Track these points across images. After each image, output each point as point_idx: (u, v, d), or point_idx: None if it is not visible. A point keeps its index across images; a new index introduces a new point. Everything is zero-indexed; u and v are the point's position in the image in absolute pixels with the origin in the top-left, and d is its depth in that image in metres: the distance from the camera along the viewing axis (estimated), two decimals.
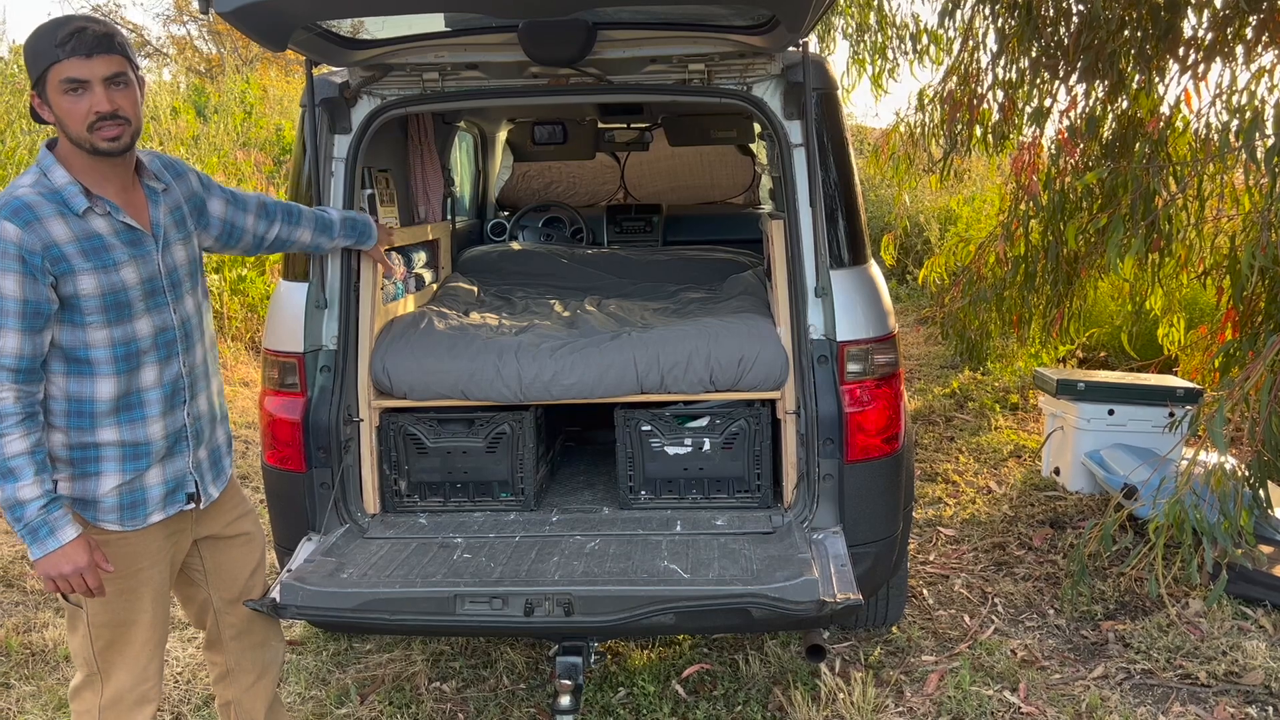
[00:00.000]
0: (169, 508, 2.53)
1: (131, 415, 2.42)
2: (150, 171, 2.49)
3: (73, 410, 2.36)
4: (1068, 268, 6.04)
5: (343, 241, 3.23)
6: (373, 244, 3.35)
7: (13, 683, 3.79)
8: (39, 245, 2.22)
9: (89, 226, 2.31)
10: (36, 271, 2.22)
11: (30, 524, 2.26)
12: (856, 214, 3.46)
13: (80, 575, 2.31)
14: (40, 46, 2.25)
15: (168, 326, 2.46)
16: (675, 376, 3.46)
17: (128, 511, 2.45)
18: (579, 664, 2.90)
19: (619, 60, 3.42)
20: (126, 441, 2.42)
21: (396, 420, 3.57)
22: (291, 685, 3.70)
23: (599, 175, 6.68)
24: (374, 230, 3.34)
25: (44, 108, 2.30)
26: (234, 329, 8.72)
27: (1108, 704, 3.42)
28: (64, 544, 2.28)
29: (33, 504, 2.25)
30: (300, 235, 3.02)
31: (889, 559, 3.45)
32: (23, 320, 2.22)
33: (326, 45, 3.24)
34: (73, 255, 2.27)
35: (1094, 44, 4.87)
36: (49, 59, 2.24)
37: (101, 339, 2.34)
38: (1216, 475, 3.58)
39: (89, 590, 2.34)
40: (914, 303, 11.01)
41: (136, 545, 2.48)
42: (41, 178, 2.30)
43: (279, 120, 12.98)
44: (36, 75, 2.27)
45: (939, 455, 6.20)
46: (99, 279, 2.31)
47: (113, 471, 2.41)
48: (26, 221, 2.22)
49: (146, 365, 2.43)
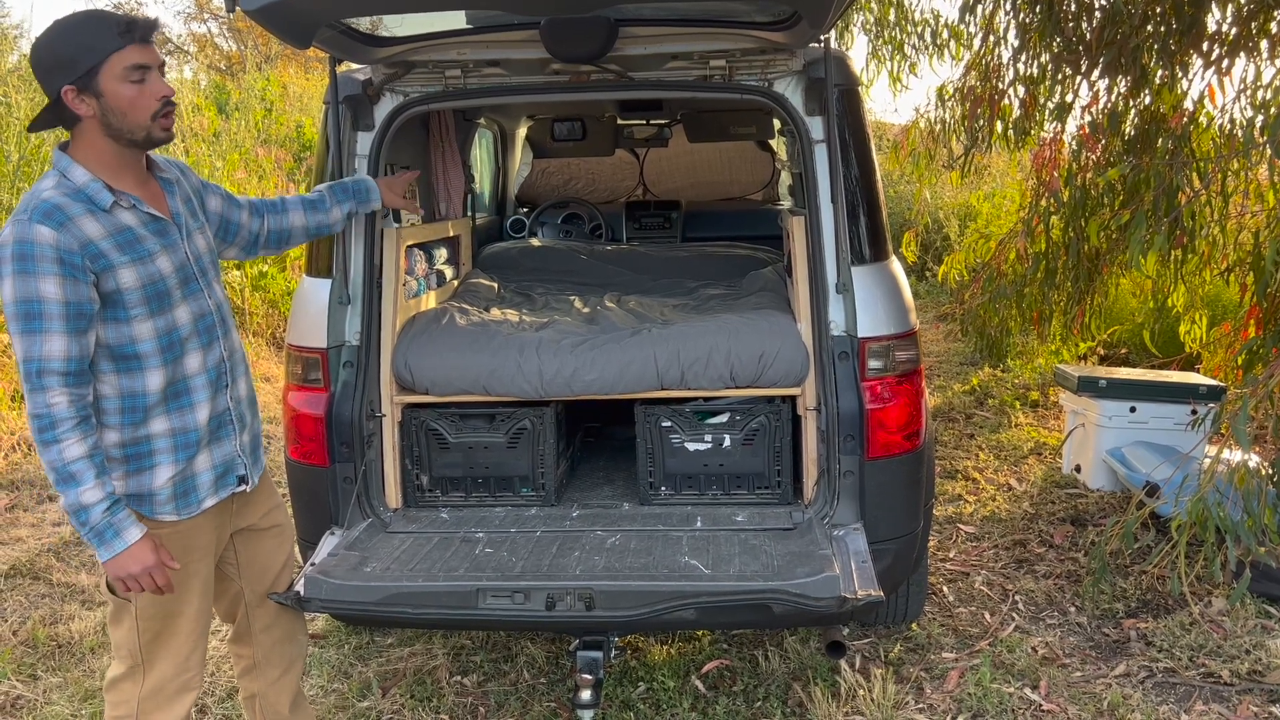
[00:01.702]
0: (220, 491, 2.56)
1: (180, 403, 2.44)
2: (158, 164, 2.52)
3: (126, 406, 2.37)
4: (1089, 264, 6.01)
5: (340, 209, 3.13)
6: (377, 200, 3.28)
7: (40, 674, 3.83)
8: (76, 245, 2.22)
9: (118, 220, 2.32)
10: (77, 271, 2.21)
11: (95, 528, 2.27)
12: (878, 210, 3.45)
13: (149, 574, 2.33)
14: (91, 38, 2.23)
15: (205, 312, 2.49)
16: (695, 372, 3.47)
17: (181, 500, 2.47)
18: (599, 659, 2.91)
19: (640, 57, 3.42)
20: (176, 430, 2.44)
21: (418, 415, 3.59)
22: (314, 678, 3.73)
23: (618, 172, 6.68)
24: (373, 187, 3.27)
25: (82, 102, 2.26)
26: (255, 324, 8.78)
27: (1129, 702, 3.41)
28: (130, 545, 2.30)
29: (96, 507, 2.26)
30: (292, 220, 2.97)
31: (909, 556, 3.45)
32: (67, 322, 2.22)
33: (350, 43, 3.26)
34: (109, 250, 2.28)
35: (1116, 39, 4.83)
36: (110, 47, 2.22)
37: (147, 331, 2.35)
38: (1240, 473, 3.55)
39: (158, 589, 2.36)
40: (934, 299, 10.97)
41: (189, 538, 2.51)
42: (62, 179, 2.29)
43: (299, 117, 13.05)
44: (87, 67, 2.22)
45: (959, 452, 6.18)
46: (138, 270, 2.32)
47: (166, 463, 2.43)
48: (60, 223, 2.21)
49: (190, 352, 2.45)
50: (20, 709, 3.61)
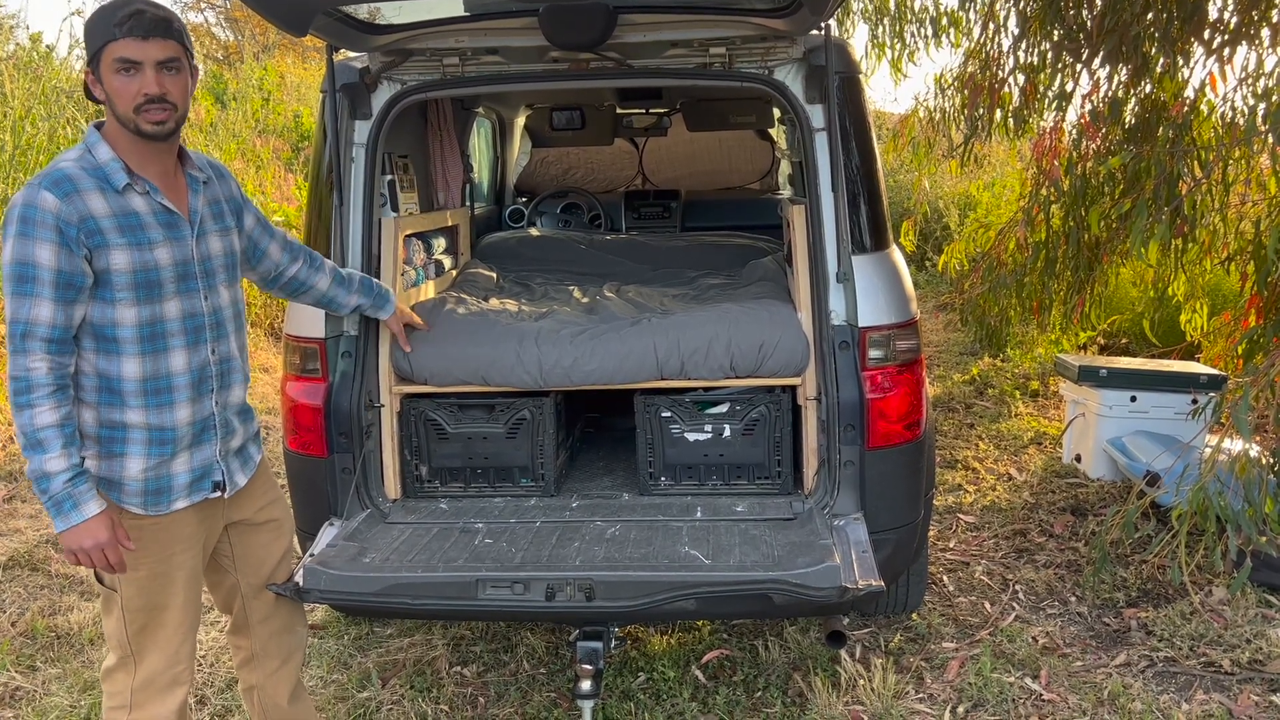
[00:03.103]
0: (194, 495, 2.53)
1: (159, 400, 2.43)
2: (194, 162, 2.53)
3: (102, 387, 2.38)
4: (1089, 253, 5.99)
5: (358, 300, 3.16)
6: (390, 313, 3.31)
7: (39, 665, 3.83)
8: (75, 217, 2.25)
9: (127, 204, 2.34)
10: (71, 243, 2.25)
11: (55, 496, 2.28)
12: (878, 199, 3.43)
13: (101, 550, 2.33)
14: (98, 25, 2.29)
15: (196, 313, 2.48)
16: (695, 362, 3.45)
17: (151, 497, 2.46)
18: (599, 649, 2.90)
19: (639, 44, 3.40)
20: (153, 425, 2.43)
21: (417, 406, 3.58)
22: (313, 669, 3.73)
23: (617, 161, 6.66)
24: (392, 300, 3.30)
25: (97, 85, 2.33)
26: (253, 315, 8.77)
27: (1130, 691, 3.41)
28: (87, 518, 2.30)
29: (59, 476, 2.27)
30: (319, 281, 3.00)
31: (910, 545, 3.44)
32: (56, 290, 2.25)
33: (347, 30, 3.24)
34: (108, 230, 2.30)
35: (1117, 26, 4.81)
36: (105, 37, 2.27)
37: (129, 318, 2.35)
38: (1241, 462, 3.55)
39: (109, 566, 2.36)
40: (933, 289, 10.96)
41: (170, 530, 2.49)
42: (86, 153, 2.34)
43: (297, 107, 13.01)
44: (92, 52, 2.30)
45: (959, 442, 6.18)
46: (132, 256, 2.33)
47: (138, 455, 2.42)
48: (66, 193, 2.25)
49: (174, 350, 2.44)
50: (19, 700, 3.61)
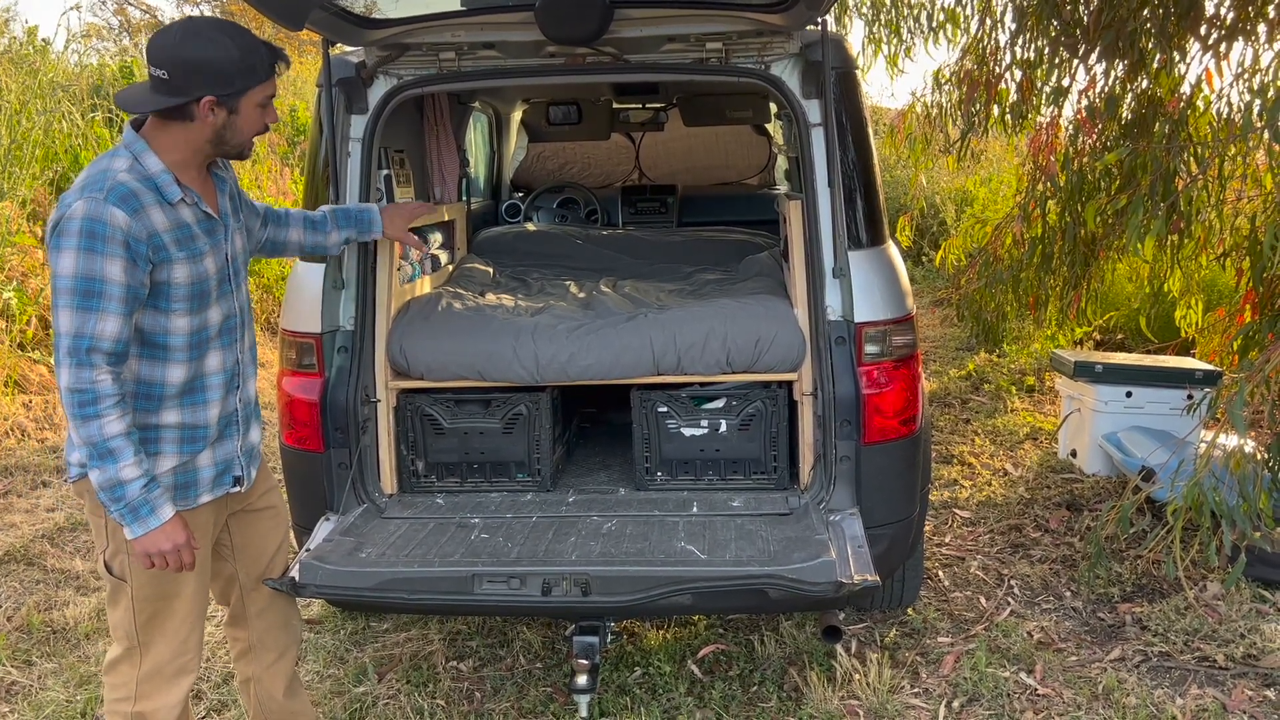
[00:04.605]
0: (216, 489, 2.59)
1: (194, 399, 2.48)
2: (218, 161, 2.56)
3: (141, 393, 2.41)
4: (1085, 249, 5.99)
5: (340, 234, 3.11)
6: (378, 230, 3.21)
7: (34, 659, 3.83)
8: (144, 234, 2.27)
9: (180, 216, 2.38)
10: (139, 259, 2.27)
11: (132, 503, 2.30)
12: (875, 194, 3.43)
13: (179, 552, 2.38)
14: (252, 60, 2.34)
15: (231, 314, 2.55)
16: (692, 358, 3.45)
17: (179, 492, 2.50)
18: (596, 644, 2.91)
19: (636, 39, 3.40)
20: (186, 424, 2.48)
21: (414, 401, 3.58)
22: (309, 663, 3.73)
23: (614, 156, 6.65)
24: (375, 218, 3.20)
25: (214, 113, 2.34)
26: None
27: (1124, 686, 3.42)
28: (164, 522, 2.35)
29: (134, 483, 2.30)
30: (290, 234, 2.98)
31: (905, 540, 3.45)
32: (124, 305, 2.26)
33: (343, 24, 3.23)
34: (170, 244, 2.34)
35: (1114, 22, 4.81)
36: (263, 75, 2.36)
37: (182, 326, 2.41)
38: (1236, 458, 3.56)
39: (182, 566, 2.41)
40: (930, 284, 10.96)
41: (191, 523, 2.52)
42: (135, 163, 2.33)
43: (292, 101, 12.96)
44: (240, 88, 2.34)
45: (955, 437, 6.19)
46: (190, 268, 2.38)
47: (170, 453, 2.47)
48: (134, 209, 2.26)
49: (212, 351, 2.50)
50: (15, 695, 3.61)
